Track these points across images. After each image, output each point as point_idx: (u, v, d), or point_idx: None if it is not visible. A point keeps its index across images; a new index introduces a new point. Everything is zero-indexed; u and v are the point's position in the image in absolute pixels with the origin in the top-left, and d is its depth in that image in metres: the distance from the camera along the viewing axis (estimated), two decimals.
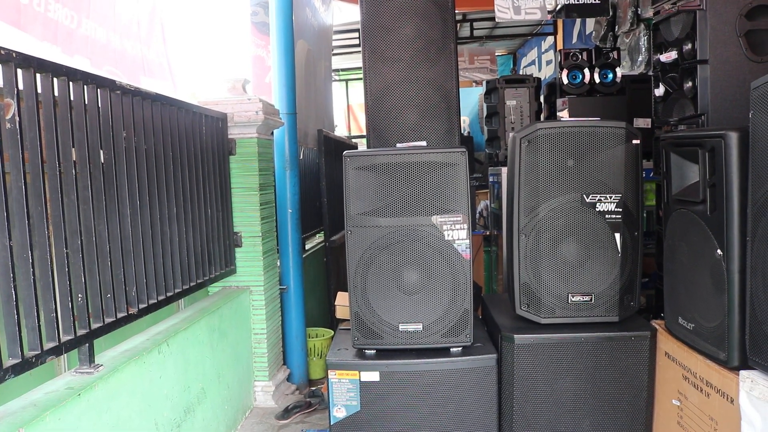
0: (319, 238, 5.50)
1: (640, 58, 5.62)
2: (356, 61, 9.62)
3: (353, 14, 7.92)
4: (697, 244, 2.37)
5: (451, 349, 2.73)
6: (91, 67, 3.66)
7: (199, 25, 4.62)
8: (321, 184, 5.17)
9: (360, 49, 3.45)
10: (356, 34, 8.51)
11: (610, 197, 2.74)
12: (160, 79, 4.22)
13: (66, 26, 3.53)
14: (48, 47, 3.35)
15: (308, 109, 5.62)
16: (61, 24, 3.48)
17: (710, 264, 2.28)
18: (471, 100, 9.52)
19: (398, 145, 2.94)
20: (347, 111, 11.93)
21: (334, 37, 7.71)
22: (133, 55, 4.04)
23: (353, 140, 9.01)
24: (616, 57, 4.44)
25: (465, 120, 9.38)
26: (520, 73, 11.18)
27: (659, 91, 3.19)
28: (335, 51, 7.93)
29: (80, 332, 2.18)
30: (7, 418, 1.78)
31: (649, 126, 4.36)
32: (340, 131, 10.44)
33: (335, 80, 9.89)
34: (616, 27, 6.16)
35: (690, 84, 2.90)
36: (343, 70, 10.95)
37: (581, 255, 2.78)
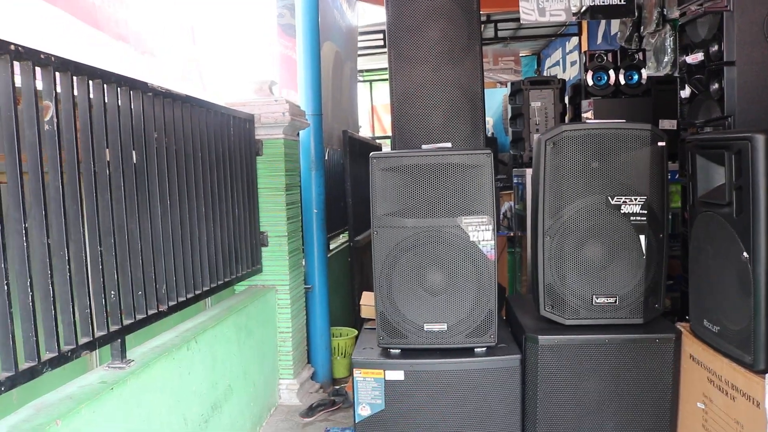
0: (343, 238, 5.54)
1: (665, 59, 5.60)
2: (380, 62, 9.64)
3: (378, 15, 7.96)
4: (722, 246, 2.37)
5: (476, 350, 2.75)
6: (154, 66, 3.75)
7: (226, 26, 4.68)
8: (346, 184, 5.21)
9: (384, 50, 3.47)
10: (381, 36, 8.53)
11: (635, 199, 2.74)
12: (189, 81, 4.28)
13: (134, 28, 3.59)
14: (123, 47, 3.41)
15: (334, 110, 5.67)
16: (130, 24, 3.54)
17: (736, 267, 2.28)
18: (495, 100, 9.52)
19: (423, 146, 2.97)
20: (371, 112, 11.96)
21: (359, 38, 7.75)
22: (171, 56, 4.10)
23: (377, 141, 9.04)
24: (641, 58, 4.42)
25: (489, 121, 9.38)
26: (544, 73, 11.15)
27: (685, 92, 3.19)
28: (360, 52, 7.96)
29: (113, 328, 2.23)
30: (45, 410, 1.84)
31: (675, 127, 4.34)
32: (364, 132, 10.48)
33: (360, 81, 9.94)
34: (642, 28, 6.12)
35: (716, 86, 2.90)
36: (367, 71, 10.98)
37: (606, 257, 2.78)
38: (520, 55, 11.16)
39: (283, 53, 5.22)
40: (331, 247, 5.04)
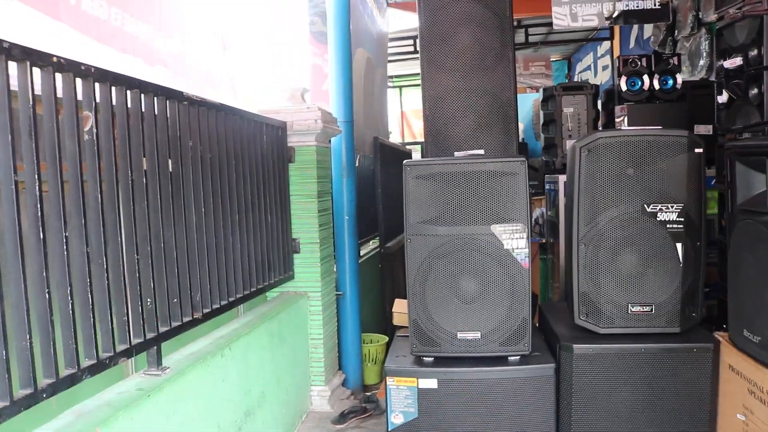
0: (372, 244, 5.54)
1: (701, 63, 5.51)
2: (410, 68, 9.64)
3: (408, 22, 7.96)
4: (763, 255, 2.32)
5: (509, 358, 2.73)
6: (172, 77, 3.79)
7: (259, 33, 4.72)
8: (377, 191, 5.21)
9: (414, 56, 3.47)
10: (411, 41, 8.53)
11: (672, 207, 2.71)
12: (221, 88, 4.32)
13: (142, 40, 3.64)
14: (130, 59, 3.46)
15: (366, 116, 5.68)
16: (138, 38, 3.59)
17: None
18: (525, 105, 9.46)
19: (456, 153, 2.96)
20: (401, 118, 11.97)
21: (389, 44, 7.76)
22: (198, 65, 4.15)
23: (407, 147, 9.04)
24: (676, 63, 4.37)
25: (519, 126, 9.32)
26: (575, 78, 11.05)
27: (722, 98, 3.14)
28: (390, 58, 7.98)
29: (149, 335, 2.25)
30: (85, 416, 1.86)
31: (711, 133, 4.27)
32: (394, 138, 10.48)
33: (389, 87, 9.95)
34: (676, 31, 6.04)
35: (756, 91, 2.85)
36: (397, 76, 10.99)
37: (642, 265, 2.75)
38: (551, 59, 11.08)
39: (312, 62, 5.26)
40: (361, 253, 5.04)
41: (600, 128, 4.73)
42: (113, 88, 2.09)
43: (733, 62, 2.95)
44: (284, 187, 3.74)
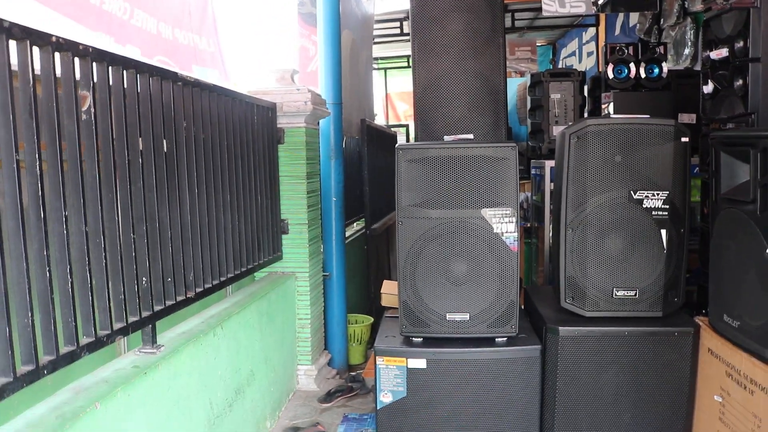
0: (357, 225, 5.57)
1: (686, 52, 5.58)
2: (395, 50, 9.61)
3: (394, 3, 7.94)
4: (745, 243, 2.39)
5: (497, 339, 2.79)
6: (141, 57, 3.78)
7: (248, 15, 4.70)
8: (363, 173, 5.23)
9: (399, 38, 3.47)
10: (396, 24, 8.51)
11: (658, 194, 2.76)
12: (212, 68, 4.32)
13: (119, 18, 3.64)
14: (102, 37, 3.46)
15: (352, 98, 5.68)
16: (114, 15, 3.59)
17: (758, 263, 2.30)
18: (510, 90, 9.46)
19: (446, 137, 2.99)
20: (385, 100, 11.94)
21: (375, 26, 7.74)
22: (185, 45, 4.14)
23: (392, 129, 9.04)
24: (662, 52, 4.42)
25: None
26: (560, 64, 11.10)
27: (708, 88, 3.19)
28: (375, 40, 7.95)
29: (144, 314, 2.27)
30: (84, 392, 1.89)
31: (694, 122, 4.34)
32: (379, 120, 10.47)
33: (374, 69, 9.93)
34: (662, 20, 6.10)
35: (741, 82, 2.90)
36: (382, 58, 10.96)
37: (627, 250, 2.81)
38: (536, 44, 11.10)
39: (299, 42, 5.25)
40: (347, 234, 5.08)
41: (586, 115, 4.78)
42: (110, 68, 2.09)
43: (719, 53, 3.00)
44: (274, 168, 3.76)
